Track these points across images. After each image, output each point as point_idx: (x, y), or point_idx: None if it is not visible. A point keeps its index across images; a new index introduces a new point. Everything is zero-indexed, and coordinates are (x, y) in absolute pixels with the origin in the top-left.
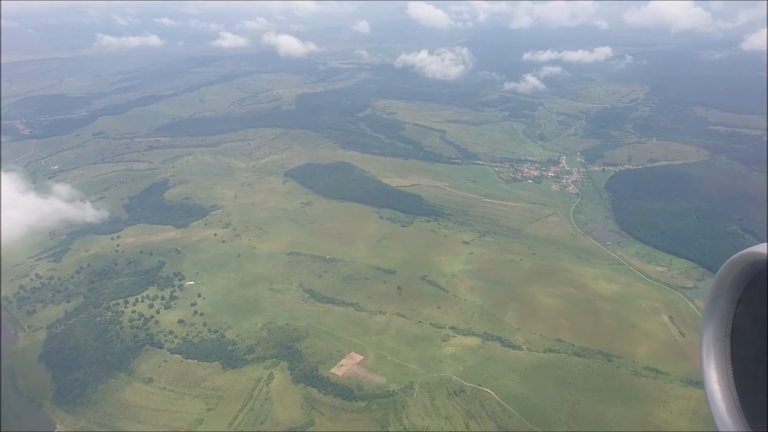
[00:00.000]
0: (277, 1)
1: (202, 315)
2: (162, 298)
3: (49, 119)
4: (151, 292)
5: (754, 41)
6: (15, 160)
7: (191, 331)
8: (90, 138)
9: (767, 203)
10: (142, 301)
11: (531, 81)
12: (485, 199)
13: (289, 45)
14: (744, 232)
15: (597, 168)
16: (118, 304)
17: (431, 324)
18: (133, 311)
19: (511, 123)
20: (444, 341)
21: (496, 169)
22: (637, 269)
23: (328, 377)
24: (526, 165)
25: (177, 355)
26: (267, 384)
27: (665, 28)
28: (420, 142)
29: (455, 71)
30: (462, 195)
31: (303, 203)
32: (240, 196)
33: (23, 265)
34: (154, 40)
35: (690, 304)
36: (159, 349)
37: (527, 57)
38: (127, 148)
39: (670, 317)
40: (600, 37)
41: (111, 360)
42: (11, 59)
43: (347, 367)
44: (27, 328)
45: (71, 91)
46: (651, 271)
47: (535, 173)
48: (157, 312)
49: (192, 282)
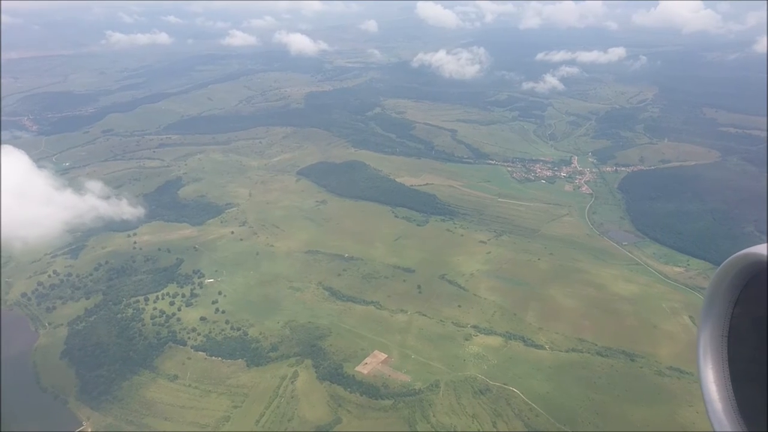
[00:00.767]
0: (283, 1)
1: (224, 312)
2: (182, 295)
3: (56, 116)
4: (171, 289)
5: (765, 43)
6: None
7: (214, 329)
8: (99, 135)
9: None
10: (162, 299)
11: (550, 81)
12: (499, 199)
13: (301, 43)
14: (760, 233)
15: (609, 168)
16: (138, 301)
17: (453, 323)
18: (155, 308)
19: (521, 123)
20: (466, 340)
21: (508, 169)
22: (655, 270)
23: (353, 375)
24: (538, 165)
25: (201, 353)
26: (292, 382)
27: (675, 29)
28: (431, 141)
29: (471, 71)
30: (476, 194)
31: (317, 202)
32: (254, 194)
33: (40, 262)
34: (163, 37)
35: None
36: (182, 347)
37: (541, 57)
38: (138, 145)
39: (690, 318)
40: (610, 38)
41: (134, 357)
42: (15, 56)
43: (372, 366)
44: (47, 324)
45: (77, 88)
46: (669, 272)
47: (548, 173)
48: (179, 309)
49: (212, 280)
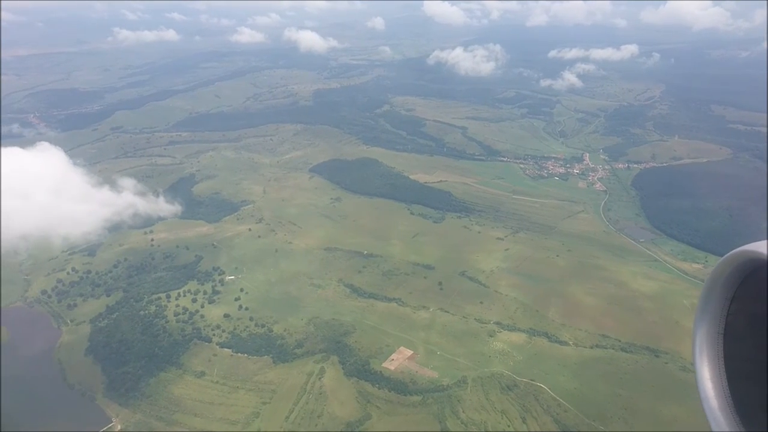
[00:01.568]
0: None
1: (247, 309)
2: (204, 292)
3: (63, 113)
4: (192, 286)
5: None
6: None
7: (238, 326)
8: (108, 132)
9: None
10: (184, 296)
11: (569, 78)
12: (514, 196)
13: (311, 41)
14: None
15: (621, 165)
16: (159, 298)
17: (475, 319)
18: (177, 305)
19: (530, 120)
20: (490, 336)
21: (521, 166)
22: (674, 266)
23: (380, 372)
24: (550, 162)
25: (226, 349)
26: (319, 378)
27: (684, 27)
28: (442, 138)
29: (486, 68)
30: (490, 192)
31: (332, 199)
32: (268, 191)
33: (57, 259)
34: (170, 34)
35: None
36: (207, 343)
37: (553, 54)
38: (148, 142)
39: None
40: (618, 36)
41: (160, 354)
42: (18, 53)
43: (398, 362)
44: (69, 321)
45: (81, 86)
46: (687, 269)
47: (561, 170)
48: (202, 306)
49: (232, 277)
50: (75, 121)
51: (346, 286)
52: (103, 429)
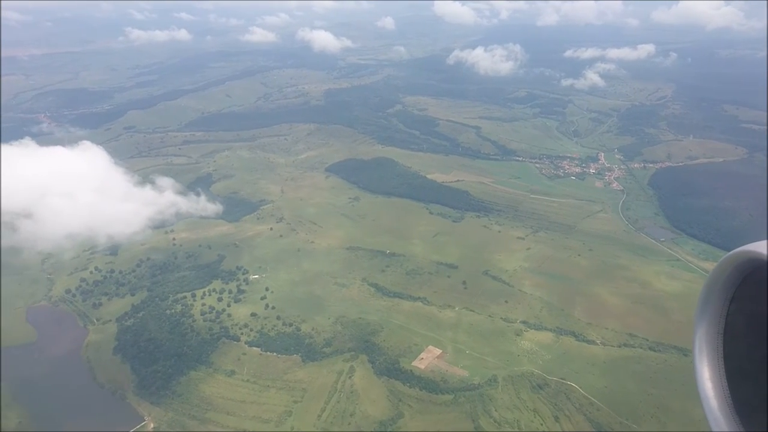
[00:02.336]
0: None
1: (273, 308)
2: (229, 291)
3: (73, 113)
4: (216, 285)
5: None
6: None
7: (266, 325)
8: (122, 132)
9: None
10: (209, 295)
11: (592, 77)
12: (532, 196)
13: (324, 40)
14: None
15: (637, 165)
16: (185, 297)
17: (501, 318)
18: (203, 304)
19: (543, 120)
20: (517, 335)
21: (537, 166)
22: (697, 266)
23: (410, 370)
24: (565, 161)
25: (255, 348)
26: (349, 377)
27: (696, 26)
28: (456, 138)
29: (505, 67)
30: (508, 191)
31: (350, 198)
32: (286, 191)
33: (79, 258)
34: (182, 34)
35: None
36: (236, 342)
37: (569, 54)
38: (162, 142)
39: None
40: (629, 36)
41: (189, 352)
42: (26, 53)
43: (428, 361)
44: (95, 320)
45: (90, 86)
46: (710, 268)
47: (577, 170)
48: (228, 305)
49: (257, 276)
50: (86, 121)
51: (370, 285)
52: (136, 428)
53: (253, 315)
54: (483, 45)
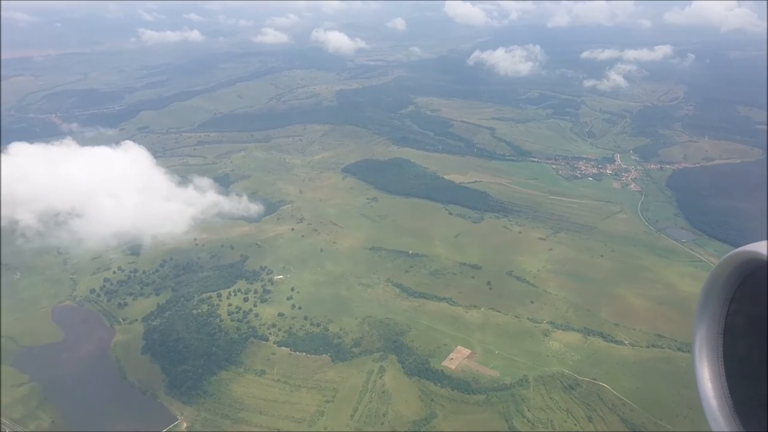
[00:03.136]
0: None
1: (300, 309)
2: (255, 291)
3: (85, 113)
4: (241, 285)
5: None
6: None
7: (294, 325)
8: (135, 132)
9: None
10: (234, 295)
11: (615, 78)
12: (550, 196)
13: (339, 41)
14: None
15: (654, 166)
16: (210, 297)
17: (528, 319)
18: (229, 305)
19: (556, 121)
20: (545, 336)
21: (553, 167)
22: None
23: (441, 370)
24: (582, 162)
25: (284, 348)
26: (380, 377)
27: (710, 28)
28: (471, 139)
29: (525, 68)
30: (526, 192)
31: (368, 199)
32: (304, 191)
33: (102, 258)
34: (194, 35)
35: None
36: (264, 342)
37: (586, 55)
38: (177, 142)
39: None
40: (642, 37)
41: (218, 352)
42: (37, 53)
43: (458, 361)
44: (122, 320)
45: (100, 86)
46: None
47: (594, 171)
48: (255, 305)
49: (281, 276)
50: (98, 122)
51: (395, 285)
52: (169, 427)
53: (281, 315)
54: (493, 47)
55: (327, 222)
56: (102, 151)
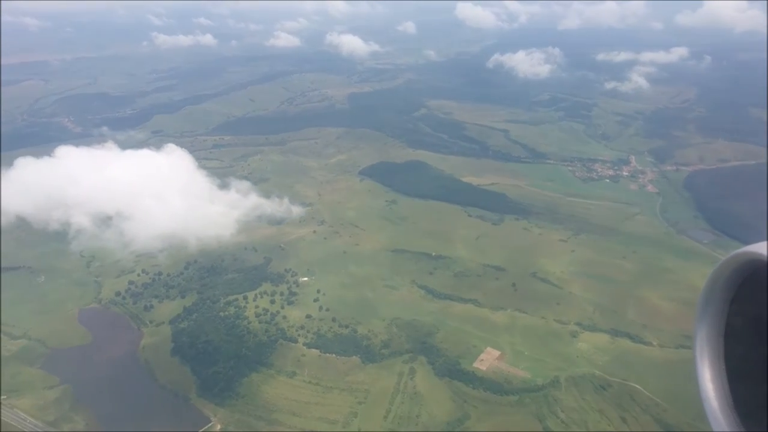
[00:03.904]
0: (309, 1)
1: (328, 311)
2: (281, 293)
3: (97, 117)
4: (267, 288)
5: None
6: None
7: (322, 326)
8: (150, 136)
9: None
10: (261, 297)
11: (637, 80)
12: (568, 198)
13: (352, 44)
14: None
15: (670, 168)
16: (236, 299)
17: (555, 320)
18: (256, 307)
19: (570, 123)
20: (573, 337)
21: (569, 169)
22: None
23: (472, 372)
24: (597, 164)
25: (314, 350)
26: (411, 378)
27: (722, 29)
28: (485, 141)
29: (543, 70)
30: (544, 194)
31: (387, 201)
32: (323, 194)
33: (124, 261)
34: (207, 38)
35: None
36: (294, 344)
37: (601, 57)
38: (192, 146)
39: None
40: (655, 39)
41: (248, 354)
42: (51, 58)
43: (488, 362)
44: (149, 322)
45: (110, 90)
46: None
47: (610, 172)
48: (282, 308)
49: (306, 278)
50: (111, 125)
51: (419, 287)
52: (203, 429)
53: (308, 317)
54: (503, 50)
55: (347, 224)
56: (145, 154)
